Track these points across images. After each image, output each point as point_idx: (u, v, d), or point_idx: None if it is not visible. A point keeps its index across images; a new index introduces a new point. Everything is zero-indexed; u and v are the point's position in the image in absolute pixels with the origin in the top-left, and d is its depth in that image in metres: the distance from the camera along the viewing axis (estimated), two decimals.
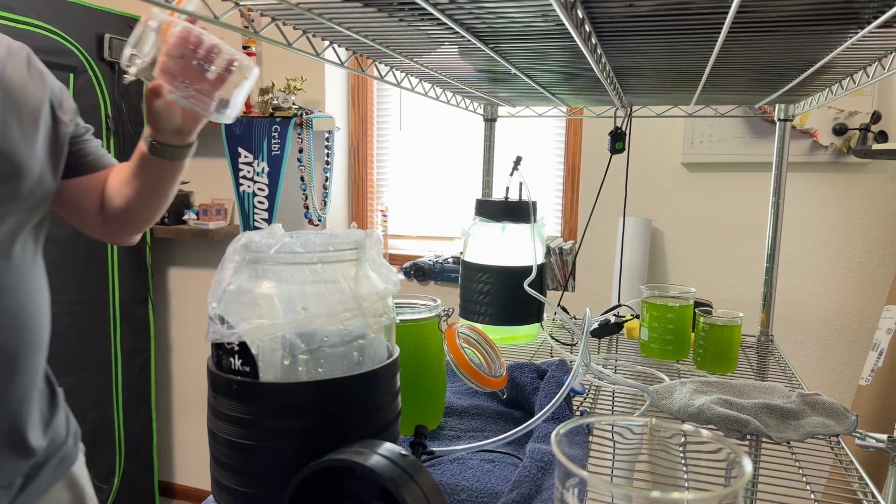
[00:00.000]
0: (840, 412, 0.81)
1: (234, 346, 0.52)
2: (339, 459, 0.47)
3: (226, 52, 0.77)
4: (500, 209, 1.15)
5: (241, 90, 0.79)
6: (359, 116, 2.47)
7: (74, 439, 0.92)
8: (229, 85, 0.78)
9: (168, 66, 0.75)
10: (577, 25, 0.59)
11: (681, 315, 1.07)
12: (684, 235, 2.06)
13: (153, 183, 0.90)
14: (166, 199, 0.95)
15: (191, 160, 0.91)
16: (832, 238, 1.94)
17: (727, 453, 0.42)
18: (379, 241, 0.59)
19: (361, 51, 0.87)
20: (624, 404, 0.93)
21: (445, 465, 0.70)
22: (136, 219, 0.95)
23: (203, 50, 0.75)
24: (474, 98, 1.39)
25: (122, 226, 0.96)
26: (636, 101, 1.35)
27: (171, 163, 0.88)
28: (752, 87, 1.08)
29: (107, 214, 0.94)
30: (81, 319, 2.10)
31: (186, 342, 2.64)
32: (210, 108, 0.78)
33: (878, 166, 1.87)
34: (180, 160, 0.89)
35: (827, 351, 1.97)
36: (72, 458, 0.90)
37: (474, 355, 0.88)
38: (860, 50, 0.76)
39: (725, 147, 1.96)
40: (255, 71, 0.80)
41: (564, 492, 0.41)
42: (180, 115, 0.82)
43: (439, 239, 2.48)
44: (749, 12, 0.60)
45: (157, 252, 2.57)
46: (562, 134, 2.24)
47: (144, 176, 0.89)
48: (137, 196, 0.91)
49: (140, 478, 2.41)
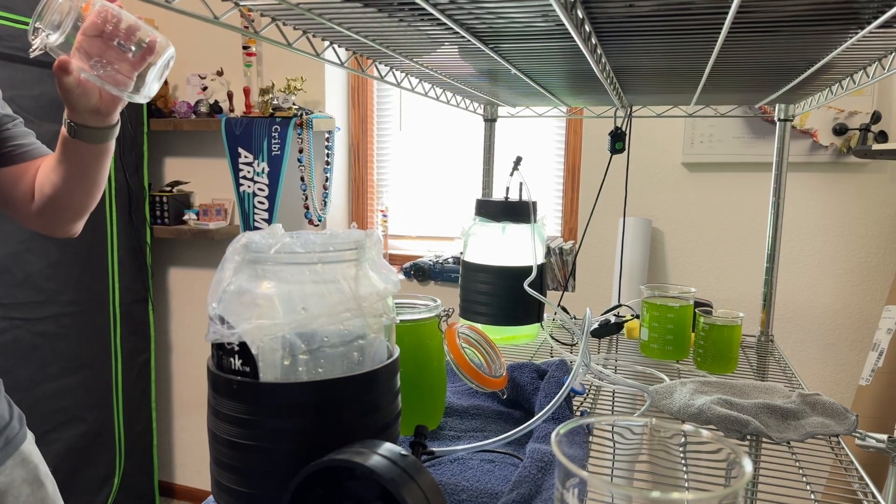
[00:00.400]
0: (840, 412, 0.81)
1: (234, 346, 0.52)
2: (339, 459, 0.47)
3: (144, 32, 0.75)
4: (500, 209, 1.15)
5: (157, 70, 0.77)
6: (359, 116, 2.47)
7: (20, 422, 0.93)
8: (147, 65, 0.76)
9: (85, 46, 0.72)
10: (577, 25, 0.59)
11: (681, 315, 1.07)
12: (684, 235, 2.06)
13: (78, 168, 0.87)
14: (96, 184, 0.91)
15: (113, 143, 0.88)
16: (832, 238, 1.93)
17: (727, 453, 0.42)
18: (379, 241, 0.59)
19: (361, 51, 0.87)
20: (624, 404, 0.93)
21: (445, 465, 0.70)
22: (67, 207, 0.92)
23: (123, 29, 0.73)
24: (474, 98, 1.39)
25: (57, 215, 0.93)
26: (636, 101, 1.35)
27: (94, 146, 0.85)
28: (752, 87, 1.08)
29: (39, 205, 0.92)
30: (81, 319, 2.10)
31: (186, 342, 2.64)
32: (127, 88, 0.76)
33: (878, 166, 1.87)
34: (102, 142, 0.86)
35: (827, 351, 1.97)
36: (20, 439, 0.92)
37: (474, 355, 0.88)
38: (860, 50, 0.76)
39: (725, 147, 1.96)
40: (171, 50, 0.78)
41: (564, 492, 0.41)
42: (97, 94, 0.79)
43: (439, 239, 2.48)
44: (749, 12, 0.60)
45: (157, 252, 2.57)
46: (562, 134, 2.24)
47: (68, 161, 0.87)
48: (64, 183, 0.88)
49: (140, 478, 2.41)
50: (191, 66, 2.44)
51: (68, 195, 0.90)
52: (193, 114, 2.36)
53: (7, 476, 0.88)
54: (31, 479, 0.92)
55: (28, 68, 1.85)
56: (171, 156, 2.55)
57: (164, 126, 2.35)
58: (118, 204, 2.21)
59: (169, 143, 2.54)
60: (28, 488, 0.91)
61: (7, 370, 1.86)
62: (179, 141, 2.53)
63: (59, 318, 2.02)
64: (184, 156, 2.54)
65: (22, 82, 1.83)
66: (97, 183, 0.91)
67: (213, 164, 2.48)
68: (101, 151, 0.87)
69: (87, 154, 0.86)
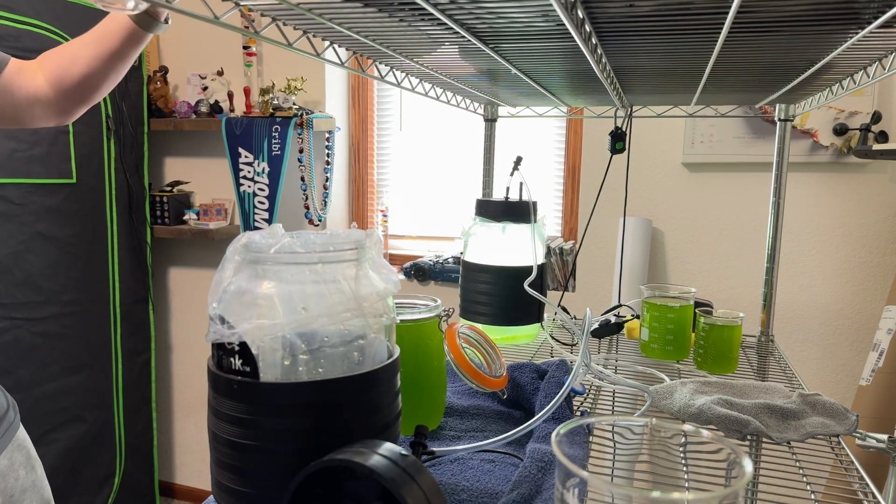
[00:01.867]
0: (840, 412, 0.81)
1: (234, 346, 0.53)
2: (339, 459, 0.47)
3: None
4: (500, 209, 1.15)
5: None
6: (359, 116, 2.48)
7: (14, 411, 0.97)
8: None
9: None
10: (577, 25, 0.59)
11: (681, 315, 1.07)
12: (684, 235, 2.06)
13: (127, 53, 0.99)
14: (126, 69, 1.03)
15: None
16: (832, 238, 1.93)
17: (727, 453, 0.42)
18: (379, 241, 0.59)
19: (361, 51, 0.87)
20: (624, 404, 0.93)
21: (445, 465, 0.70)
22: (96, 87, 1.02)
23: None
24: (474, 98, 1.39)
25: (81, 96, 1.02)
26: (636, 101, 1.35)
27: (145, 34, 0.96)
28: (753, 88, 1.08)
29: (62, 88, 1.00)
30: (81, 319, 2.10)
31: (186, 342, 2.65)
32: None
33: (878, 166, 1.87)
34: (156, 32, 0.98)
35: (827, 351, 1.97)
36: (15, 426, 0.96)
37: (474, 355, 0.88)
38: (860, 50, 0.76)
39: (725, 147, 1.96)
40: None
41: (564, 492, 0.41)
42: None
43: (439, 239, 2.48)
44: (749, 12, 0.60)
45: (157, 252, 2.57)
46: (562, 134, 2.24)
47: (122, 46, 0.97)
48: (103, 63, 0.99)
49: (140, 478, 2.41)
50: (191, 66, 2.44)
51: (102, 74, 1.00)
52: (194, 114, 2.36)
53: (9, 459, 0.93)
54: (26, 463, 0.97)
55: None
56: (171, 156, 2.56)
57: (164, 126, 2.35)
58: (118, 204, 2.21)
59: (169, 143, 2.54)
60: (23, 471, 0.96)
61: (7, 370, 1.86)
62: (180, 141, 2.53)
63: (59, 318, 2.02)
64: (184, 156, 2.54)
65: None
66: (127, 68, 1.04)
67: (214, 164, 2.48)
68: (144, 40, 0.99)
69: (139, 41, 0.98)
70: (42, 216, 1.94)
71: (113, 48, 0.98)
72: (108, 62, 0.99)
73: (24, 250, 1.90)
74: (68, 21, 1.96)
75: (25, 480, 0.95)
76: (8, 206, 1.84)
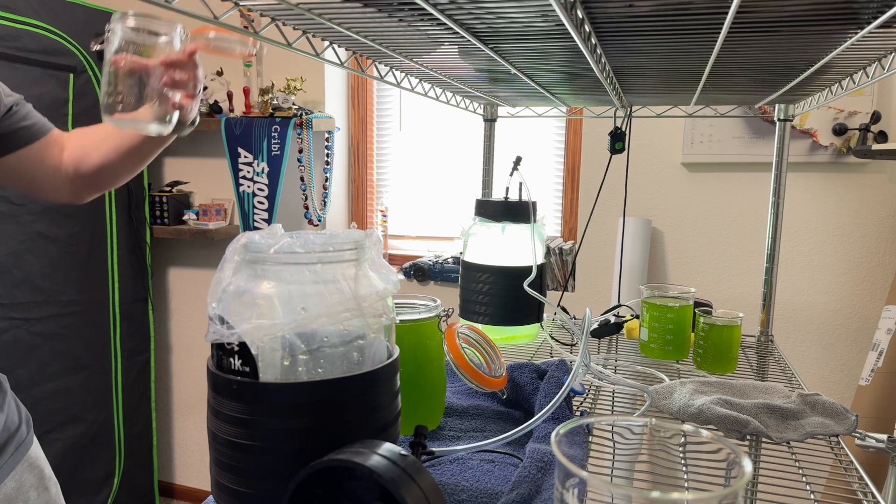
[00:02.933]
0: (840, 412, 0.81)
1: (234, 346, 0.52)
2: (339, 459, 0.47)
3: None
4: (499, 209, 1.15)
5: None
6: (359, 116, 2.47)
7: (28, 425, 0.95)
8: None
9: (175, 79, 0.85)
10: (576, 25, 0.59)
11: (681, 315, 1.07)
12: (684, 235, 2.06)
13: (147, 151, 0.98)
14: (145, 165, 1.02)
15: None
16: (832, 238, 1.94)
17: (727, 453, 0.42)
18: (379, 241, 0.59)
19: (361, 51, 0.87)
20: (624, 404, 0.93)
21: (445, 465, 0.70)
22: (111, 178, 1.00)
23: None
24: (474, 98, 1.39)
25: (95, 184, 1.00)
26: (636, 101, 1.35)
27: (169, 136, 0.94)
28: (752, 87, 1.08)
29: (78, 173, 0.98)
30: (81, 319, 2.10)
31: (186, 342, 2.64)
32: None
33: (877, 166, 1.87)
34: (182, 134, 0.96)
35: (827, 351, 1.97)
36: (28, 442, 0.93)
37: (474, 355, 0.88)
38: (860, 50, 0.76)
39: (725, 147, 1.96)
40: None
41: (564, 492, 0.41)
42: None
43: (439, 239, 2.48)
44: (749, 12, 0.60)
45: (156, 252, 2.57)
46: (562, 134, 2.24)
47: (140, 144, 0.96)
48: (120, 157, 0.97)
49: (140, 478, 2.41)
50: None
51: (119, 168, 0.99)
52: None
53: (17, 481, 0.89)
54: (38, 484, 0.93)
55: (28, 68, 1.85)
56: (170, 156, 2.56)
57: None
58: (118, 204, 2.21)
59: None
60: (35, 493, 0.92)
61: (7, 370, 1.86)
62: (179, 141, 2.53)
63: (59, 318, 2.02)
64: (184, 156, 2.54)
65: (22, 82, 1.83)
66: (145, 164, 1.02)
67: (213, 164, 2.48)
68: (168, 140, 0.97)
69: (162, 142, 0.97)
70: (41, 216, 1.94)
71: (133, 145, 0.95)
72: (125, 157, 0.97)
73: (23, 250, 1.89)
74: (68, 21, 1.96)
75: (37, 503, 0.92)
76: (8, 205, 1.84)
